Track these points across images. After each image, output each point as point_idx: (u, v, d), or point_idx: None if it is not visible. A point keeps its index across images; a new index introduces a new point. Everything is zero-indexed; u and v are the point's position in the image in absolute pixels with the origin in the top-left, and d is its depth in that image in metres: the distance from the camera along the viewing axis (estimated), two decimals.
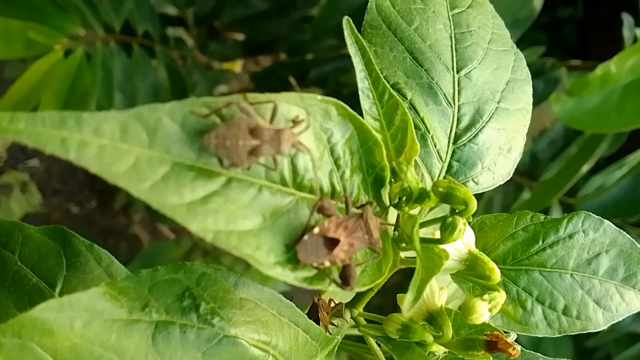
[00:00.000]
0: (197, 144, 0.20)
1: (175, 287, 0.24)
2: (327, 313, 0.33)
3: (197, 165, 0.20)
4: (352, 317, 0.35)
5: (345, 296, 0.40)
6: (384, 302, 0.48)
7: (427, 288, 0.24)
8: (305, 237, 0.22)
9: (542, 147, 1.09)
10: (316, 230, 0.22)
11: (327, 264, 0.22)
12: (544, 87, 0.94)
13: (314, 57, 1.10)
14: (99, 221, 1.35)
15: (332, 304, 0.35)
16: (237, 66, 1.46)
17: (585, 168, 0.95)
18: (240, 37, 1.17)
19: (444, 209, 0.33)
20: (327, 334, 0.31)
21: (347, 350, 0.37)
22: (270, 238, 0.22)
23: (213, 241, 0.20)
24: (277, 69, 1.18)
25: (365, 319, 0.35)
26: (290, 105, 0.22)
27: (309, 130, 0.23)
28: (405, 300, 0.22)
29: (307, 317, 0.28)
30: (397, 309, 0.38)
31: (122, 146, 0.19)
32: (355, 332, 0.37)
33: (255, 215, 0.22)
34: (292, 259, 0.22)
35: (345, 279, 0.22)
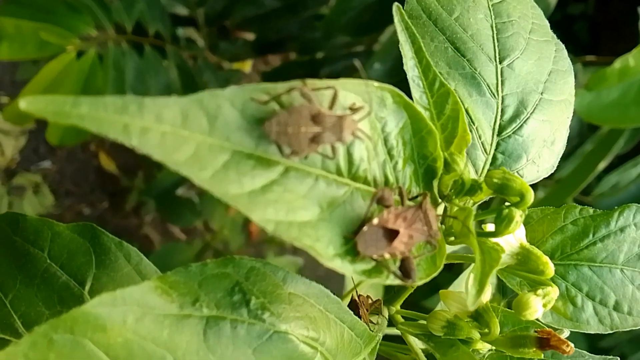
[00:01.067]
0: (257, 131, 0.19)
1: (224, 281, 0.23)
2: (367, 310, 0.33)
3: (255, 154, 0.20)
4: (389, 315, 0.34)
5: (370, 292, 0.39)
6: (408, 299, 0.47)
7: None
8: (365, 228, 0.21)
9: None
10: (375, 221, 0.21)
11: (386, 256, 0.22)
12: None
13: (325, 55, 1.10)
14: (111, 222, 1.35)
15: (370, 301, 0.34)
16: (247, 66, 1.45)
17: (601, 165, 0.94)
18: (250, 36, 1.17)
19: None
20: (370, 331, 0.30)
21: (380, 349, 0.36)
22: (329, 229, 0.21)
23: (274, 232, 0.19)
24: (288, 68, 1.17)
25: (403, 316, 0.34)
26: (348, 92, 0.21)
27: (365, 118, 0.22)
28: (470, 295, 0.21)
29: (352, 313, 0.28)
30: (423, 307, 0.37)
31: (184, 133, 0.18)
32: (391, 330, 0.36)
33: (313, 206, 0.21)
34: (350, 250, 0.21)
35: (405, 272, 0.21)
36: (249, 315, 0.23)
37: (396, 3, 0.25)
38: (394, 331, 0.35)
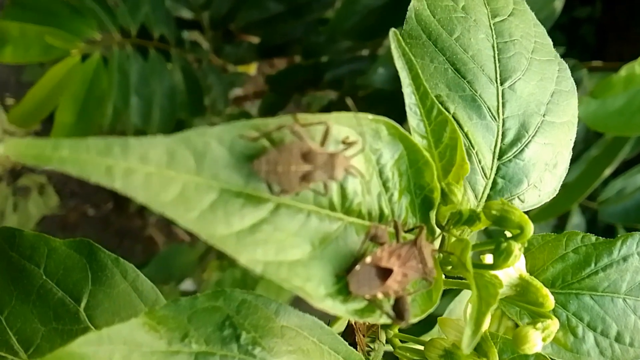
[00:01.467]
0: (246, 169, 0.19)
1: (215, 315, 0.23)
2: (364, 335, 0.32)
3: (245, 192, 0.19)
4: (387, 339, 0.34)
5: None
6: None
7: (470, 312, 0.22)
8: (357, 267, 0.20)
9: None
10: (368, 259, 0.21)
11: (379, 295, 0.21)
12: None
13: (329, 59, 1.09)
14: (115, 223, 1.35)
15: (367, 324, 0.33)
16: (252, 69, 1.45)
17: (607, 171, 0.93)
18: (255, 40, 1.16)
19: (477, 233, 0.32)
20: (366, 359, 0.29)
21: None
22: (321, 268, 0.20)
23: (263, 274, 0.19)
24: (292, 71, 1.17)
25: (400, 340, 0.34)
26: (341, 126, 0.21)
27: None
28: (465, 337, 0.20)
29: (347, 343, 0.27)
30: (424, 325, 0.36)
31: (169, 173, 0.17)
32: (388, 348, 0.36)
33: (305, 243, 0.20)
34: (342, 289, 0.21)
35: (399, 312, 0.21)
36: (239, 351, 0.22)
37: (393, 29, 0.24)
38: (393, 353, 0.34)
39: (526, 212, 0.31)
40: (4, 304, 0.35)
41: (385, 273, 0.21)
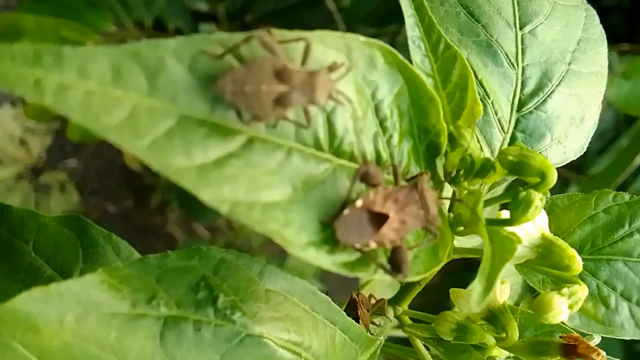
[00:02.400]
0: (211, 92, 0.16)
1: (188, 275, 0.20)
2: (368, 310, 0.29)
3: (210, 120, 0.16)
4: (395, 316, 0.30)
5: (387, 292, 0.35)
6: (423, 302, 0.43)
7: None
8: (346, 211, 0.17)
9: (590, 138, 1.02)
10: (359, 203, 0.18)
11: (372, 245, 0.18)
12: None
13: None
14: (135, 220, 1.35)
15: (373, 300, 0.30)
16: None
17: (638, 160, 0.88)
18: None
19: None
20: (368, 334, 0.26)
21: (387, 352, 0.32)
22: (303, 213, 0.17)
23: (230, 213, 0.16)
24: None
25: (411, 318, 0.30)
26: (327, 47, 0.18)
27: (349, 81, 0.18)
28: (474, 293, 0.17)
29: (344, 313, 0.24)
30: (438, 310, 0.33)
31: (115, 92, 0.15)
32: (398, 332, 0.32)
33: (284, 185, 0.17)
34: (329, 239, 0.18)
35: (396, 265, 0.18)
36: (216, 316, 0.20)
37: None
38: (402, 333, 0.31)
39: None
40: None
41: (379, 219, 0.18)
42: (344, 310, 0.26)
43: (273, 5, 1.04)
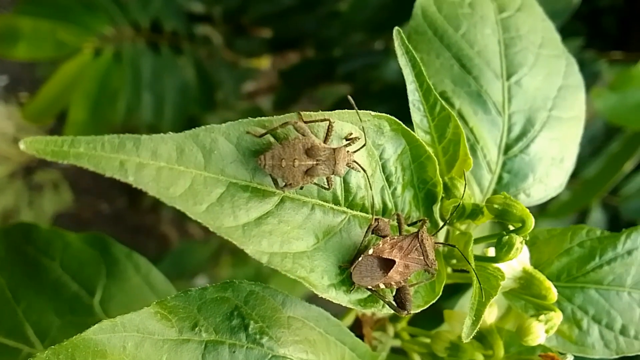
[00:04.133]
0: (252, 164, 0.19)
1: (223, 305, 0.23)
2: (371, 328, 0.33)
3: (251, 185, 0.20)
4: (395, 332, 0.34)
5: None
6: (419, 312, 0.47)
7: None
8: (360, 258, 0.21)
9: (581, 143, 1.04)
10: (371, 251, 0.21)
11: (382, 286, 0.22)
12: (583, 80, 0.90)
13: (342, 53, 1.09)
14: (129, 219, 1.37)
15: (375, 318, 0.34)
16: (264, 63, 1.45)
17: (628, 166, 0.91)
18: (267, 33, 1.16)
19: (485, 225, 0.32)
20: (373, 351, 0.30)
21: None
22: (324, 259, 0.21)
23: (268, 264, 0.19)
24: (305, 66, 1.17)
25: (409, 334, 0.34)
26: (344, 122, 0.21)
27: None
28: (465, 327, 0.21)
29: (353, 334, 0.28)
30: (434, 320, 0.36)
31: (179, 168, 0.18)
32: (396, 342, 0.36)
33: (309, 236, 0.21)
34: (345, 280, 0.21)
35: (400, 303, 0.21)
36: (248, 340, 0.23)
37: (396, 27, 0.25)
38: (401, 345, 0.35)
39: (540, 206, 0.31)
40: (21, 297, 0.36)
41: (387, 264, 0.21)
42: (349, 328, 0.30)
43: (269, 8, 1.06)
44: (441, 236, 0.28)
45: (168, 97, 1.00)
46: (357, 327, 0.32)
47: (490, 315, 0.30)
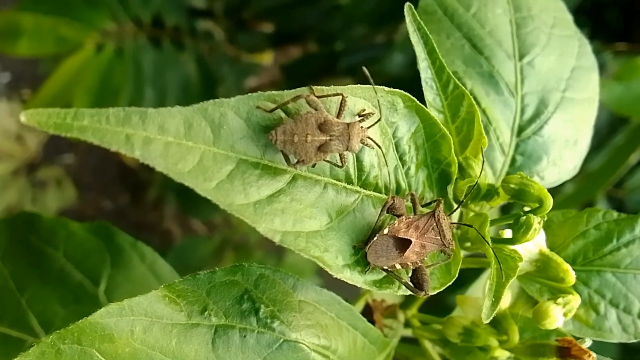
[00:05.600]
0: (263, 140, 0.19)
1: (233, 289, 0.23)
2: (381, 314, 0.32)
3: (262, 162, 0.19)
4: (405, 319, 0.34)
5: (396, 296, 0.38)
6: (427, 300, 0.46)
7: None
8: (375, 238, 0.20)
9: None
10: (386, 230, 0.21)
11: (397, 266, 0.21)
12: None
13: (345, 46, 1.08)
14: (132, 216, 1.36)
15: (385, 305, 0.33)
16: (266, 58, 1.45)
17: (633, 158, 0.91)
18: (269, 28, 1.16)
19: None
20: (384, 337, 0.29)
21: (397, 353, 0.35)
22: (338, 239, 0.20)
23: (281, 242, 0.19)
24: (308, 60, 1.16)
25: (420, 321, 0.33)
26: (357, 98, 0.21)
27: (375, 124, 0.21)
28: (485, 308, 0.20)
29: (365, 320, 0.27)
30: (442, 308, 0.36)
31: (187, 143, 0.17)
32: (407, 331, 0.35)
33: (322, 215, 0.20)
34: (360, 260, 0.21)
35: (418, 283, 0.21)
36: (258, 324, 0.23)
37: (408, 3, 0.24)
38: (411, 333, 0.34)
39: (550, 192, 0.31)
40: (25, 287, 0.36)
41: (403, 244, 0.21)
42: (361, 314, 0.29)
43: (270, 2, 1.05)
44: (454, 218, 0.27)
45: (170, 93, 1.00)
46: (367, 314, 0.31)
47: (505, 299, 0.29)
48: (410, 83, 0.27)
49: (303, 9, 1.06)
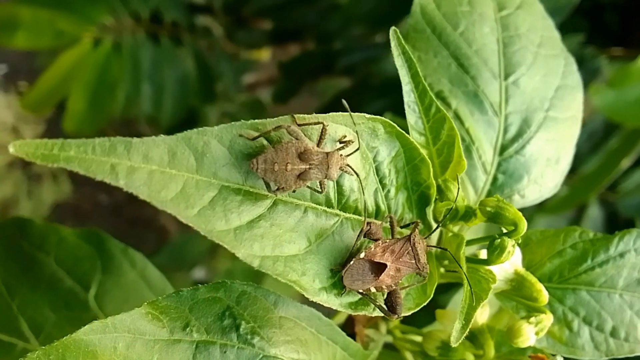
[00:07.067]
0: (244, 167, 0.19)
1: (215, 306, 0.23)
2: (363, 326, 0.33)
3: (244, 188, 0.20)
4: (387, 329, 0.34)
5: None
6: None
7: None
8: (352, 262, 0.21)
9: (580, 139, 1.04)
10: (362, 254, 0.21)
11: (373, 289, 0.22)
12: (583, 77, 0.89)
13: (343, 46, 1.09)
14: (128, 211, 1.37)
15: (367, 316, 0.34)
16: (264, 55, 1.45)
17: (625, 162, 0.91)
18: (268, 25, 1.16)
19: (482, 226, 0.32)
20: (364, 350, 0.30)
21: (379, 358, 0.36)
22: (316, 262, 0.21)
23: (259, 267, 0.19)
24: (306, 58, 1.16)
25: (401, 332, 0.34)
26: (338, 124, 0.21)
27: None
28: (454, 331, 0.21)
29: (344, 333, 0.28)
30: (427, 315, 0.36)
31: (170, 171, 0.18)
32: (389, 338, 0.36)
33: (301, 239, 0.21)
34: (337, 284, 0.21)
35: (391, 306, 0.22)
36: (239, 340, 0.23)
37: (393, 27, 0.25)
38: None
39: (538, 205, 0.31)
40: (15, 292, 0.36)
41: (379, 268, 0.21)
42: (342, 326, 0.30)
43: (269, 0, 1.06)
44: (434, 237, 0.28)
45: (168, 88, 1.00)
46: (349, 325, 0.32)
47: (482, 315, 0.30)
48: None
49: (302, 7, 1.07)
